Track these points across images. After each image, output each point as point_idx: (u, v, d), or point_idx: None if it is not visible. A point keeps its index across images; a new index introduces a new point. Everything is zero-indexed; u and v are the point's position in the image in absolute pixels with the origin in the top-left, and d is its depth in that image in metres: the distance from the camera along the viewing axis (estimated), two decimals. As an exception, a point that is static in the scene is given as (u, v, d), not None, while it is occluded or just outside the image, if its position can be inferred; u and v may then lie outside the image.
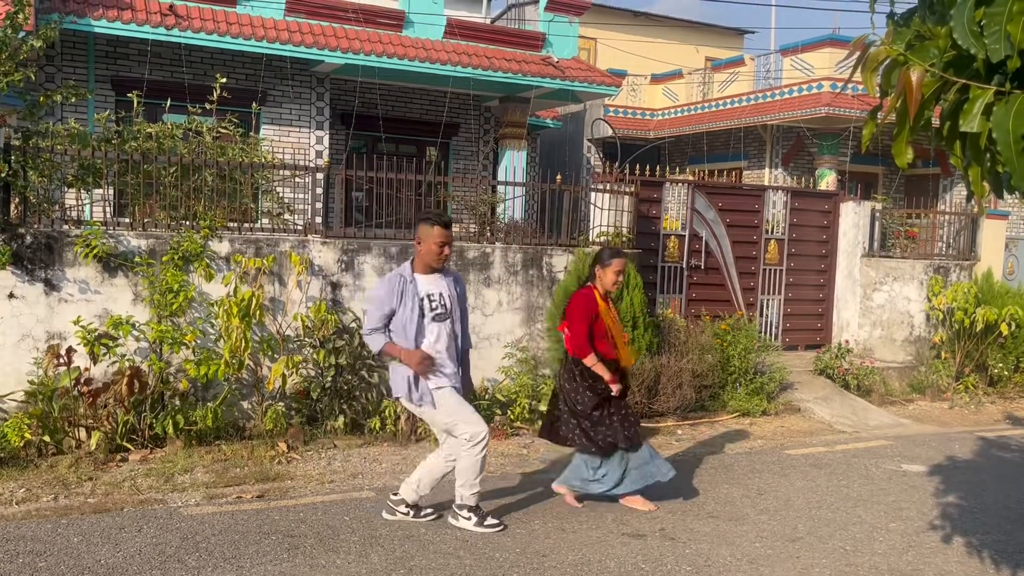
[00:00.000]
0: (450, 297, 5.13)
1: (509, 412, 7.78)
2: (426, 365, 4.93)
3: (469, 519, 5.18)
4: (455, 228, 11.97)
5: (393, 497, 5.37)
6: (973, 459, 7.57)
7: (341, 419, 7.18)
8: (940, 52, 1.96)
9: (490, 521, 5.20)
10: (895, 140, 2.09)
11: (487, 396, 7.90)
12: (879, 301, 11.25)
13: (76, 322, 6.55)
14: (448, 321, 5.09)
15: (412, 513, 5.31)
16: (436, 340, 5.03)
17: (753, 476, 6.67)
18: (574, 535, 5.18)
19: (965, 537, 5.44)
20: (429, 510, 5.37)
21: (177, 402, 6.85)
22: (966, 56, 1.88)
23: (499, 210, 10.22)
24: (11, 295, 6.64)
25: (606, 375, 5.49)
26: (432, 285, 5.07)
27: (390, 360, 5.12)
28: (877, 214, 11.57)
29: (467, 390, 5.32)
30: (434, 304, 5.04)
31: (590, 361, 5.47)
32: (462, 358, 5.26)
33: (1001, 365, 10.56)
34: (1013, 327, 10.34)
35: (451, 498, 5.28)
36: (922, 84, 1.92)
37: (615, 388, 5.55)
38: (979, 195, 2.03)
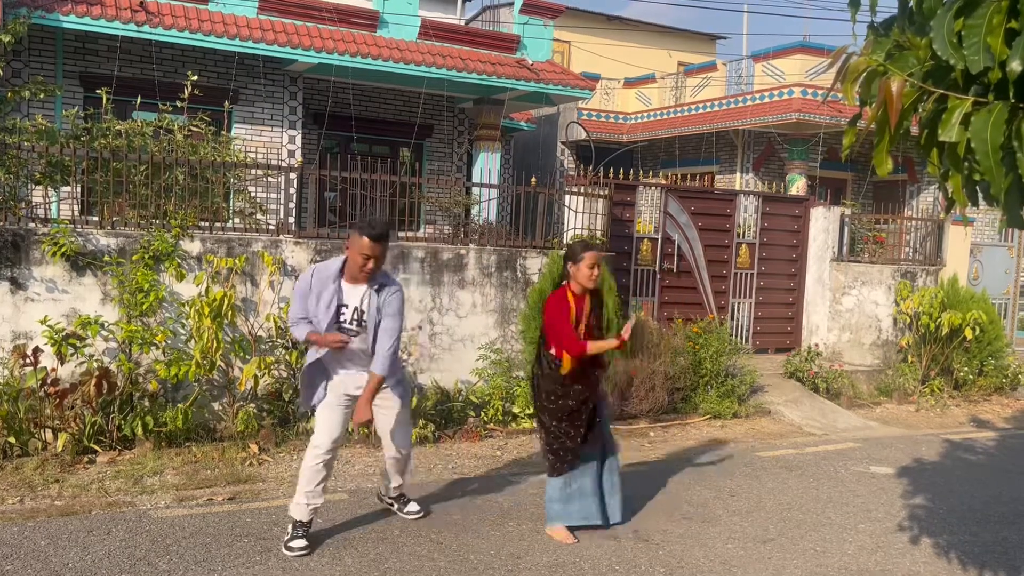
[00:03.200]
0: (364, 314, 4.71)
1: (483, 414, 7.77)
2: (337, 343, 4.62)
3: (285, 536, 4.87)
4: (429, 229, 11.99)
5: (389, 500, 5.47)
6: (939, 461, 7.69)
7: (313, 420, 7.11)
8: (920, 62, 1.99)
9: (295, 543, 4.75)
10: (876, 150, 2.12)
11: (460, 398, 7.89)
12: (848, 305, 11.40)
13: (43, 322, 6.44)
14: (357, 339, 4.73)
15: (397, 505, 5.41)
16: (335, 354, 4.77)
17: (725, 478, 6.73)
18: (548, 537, 5.18)
19: (932, 538, 5.53)
20: (415, 506, 5.42)
21: (146, 403, 6.75)
22: (945, 66, 1.91)
23: (473, 212, 10.22)
24: (-24, 294, 6.52)
25: (612, 344, 5.11)
26: (353, 296, 4.71)
27: (312, 349, 4.80)
28: (846, 219, 11.73)
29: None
30: (345, 318, 4.69)
31: (591, 349, 5.07)
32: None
33: (966, 369, 10.74)
34: (977, 331, 10.53)
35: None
36: (902, 94, 1.95)
37: (625, 335, 5.04)
38: (962, 204, 2.07)
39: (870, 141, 2.24)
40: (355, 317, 4.70)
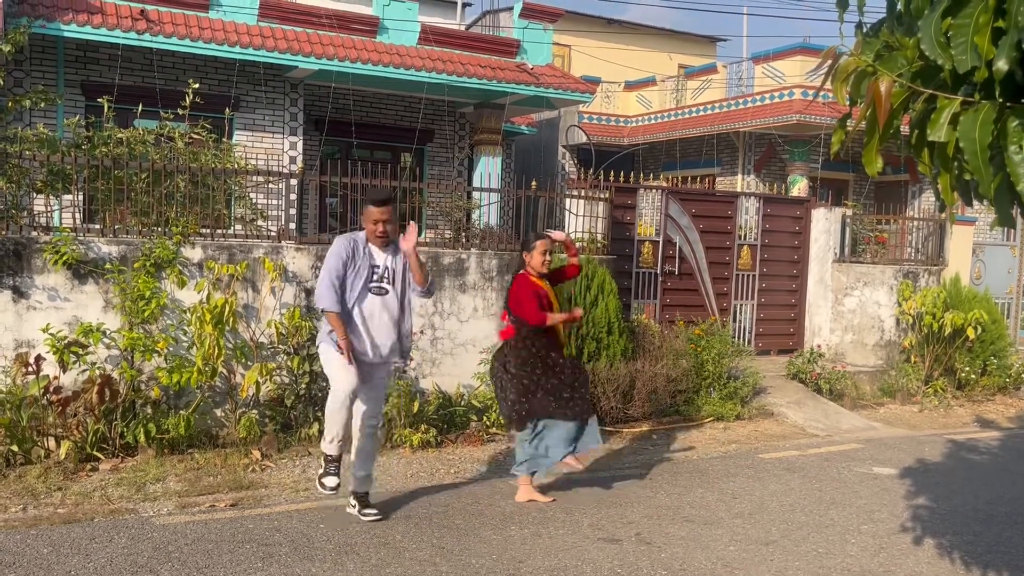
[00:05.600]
0: (395, 273, 5.35)
1: (485, 418, 7.77)
2: (345, 347, 5.14)
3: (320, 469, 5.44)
4: (431, 234, 12.00)
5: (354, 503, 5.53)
6: (943, 461, 7.68)
7: (316, 426, 7.14)
8: (908, 62, 2.00)
9: (328, 480, 5.34)
10: (865, 149, 2.12)
11: (462, 402, 7.89)
12: (850, 306, 11.38)
13: (45, 330, 6.45)
14: (387, 296, 5.31)
15: (359, 507, 5.47)
16: (369, 312, 5.27)
17: (727, 480, 6.72)
18: (550, 540, 5.19)
19: (936, 538, 5.52)
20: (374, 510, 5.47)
21: (149, 410, 6.77)
22: (933, 66, 1.92)
23: (474, 216, 10.23)
24: (-22, 303, 6.54)
25: (563, 317, 5.91)
26: (382, 258, 5.34)
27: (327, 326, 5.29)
28: (848, 220, 11.72)
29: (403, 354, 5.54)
30: (377, 276, 5.29)
31: (552, 320, 5.80)
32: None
33: (968, 369, 10.72)
34: (980, 331, 10.51)
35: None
36: (891, 94, 1.95)
37: (577, 312, 6.08)
38: (949, 203, 2.07)
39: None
40: (387, 276, 5.33)
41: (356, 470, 5.47)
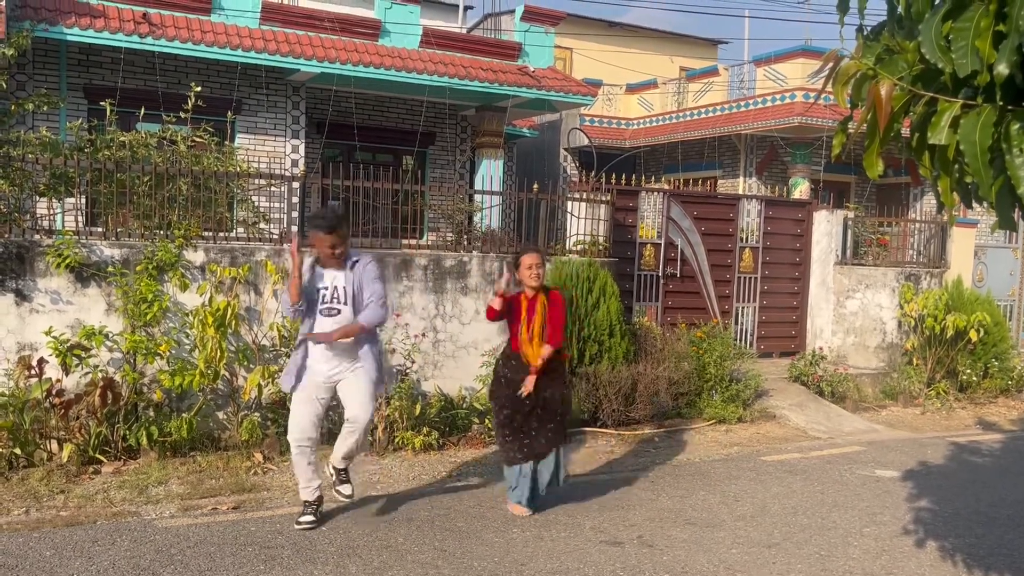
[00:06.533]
0: (345, 291, 5.22)
1: (487, 420, 7.77)
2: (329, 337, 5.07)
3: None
4: (432, 236, 12.01)
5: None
6: (945, 464, 7.67)
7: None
8: (909, 66, 2.00)
9: (304, 519, 5.31)
10: (866, 152, 2.13)
11: (464, 405, 7.90)
12: (852, 308, 11.38)
13: (48, 333, 6.46)
14: (339, 317, 5.18)
15: (335, 480, 5.45)
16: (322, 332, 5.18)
17: (730, 482, 6.72)
18: (552, 543, 5.19)
19: (938, 541, 5.52)
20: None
21: (151, 413, 6.77)
22: (934, 70, 1.92)
23: (476, 219, 10.24)
24: (-19, 306, 6.55)
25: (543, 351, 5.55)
26: (330, 278, 5.24)
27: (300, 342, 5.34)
28: (849, 222, 11.72)
29: (369, 376, 5.28)
30: (326, 297, 5.21)
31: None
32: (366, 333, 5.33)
33: (970, 371, 10.71)
34: (982, 333, 10.50)
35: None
36: (891, 97, 1.96)
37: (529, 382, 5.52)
38: (949, 206, 2.07)
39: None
40: (335, 297, 5.21)
41: (335, 450, 5.36)
